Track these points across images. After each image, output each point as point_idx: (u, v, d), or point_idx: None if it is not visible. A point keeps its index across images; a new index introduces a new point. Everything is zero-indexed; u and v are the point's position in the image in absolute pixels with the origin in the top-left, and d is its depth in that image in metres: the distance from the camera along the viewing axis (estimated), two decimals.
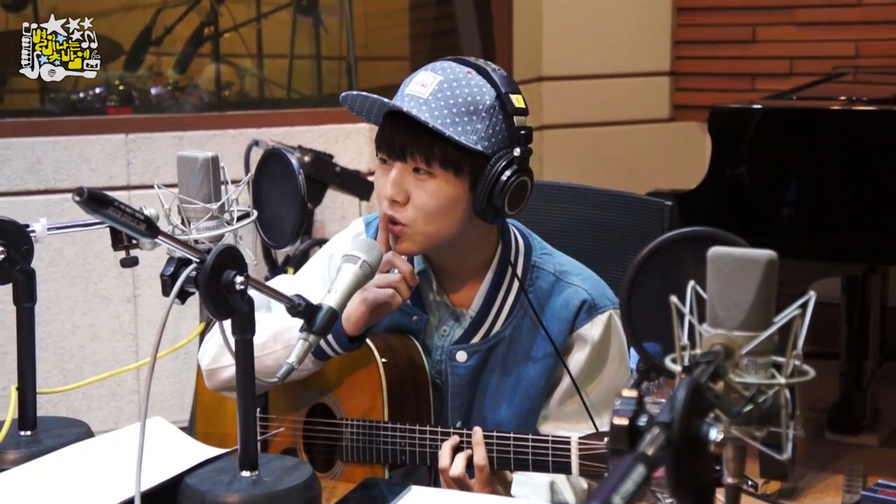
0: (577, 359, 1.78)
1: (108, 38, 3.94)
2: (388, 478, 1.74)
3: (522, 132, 1.71)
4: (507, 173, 1.69)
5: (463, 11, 4.64)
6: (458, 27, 4.67)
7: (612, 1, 4.78)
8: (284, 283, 1.97)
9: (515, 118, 1.70)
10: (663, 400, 1.17)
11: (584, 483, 1.76)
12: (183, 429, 1.71)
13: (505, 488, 1.67)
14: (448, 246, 1.77)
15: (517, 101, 1.71)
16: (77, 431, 1.66)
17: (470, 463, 1.64)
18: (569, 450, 1.59)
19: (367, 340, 1.76)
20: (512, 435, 1.63)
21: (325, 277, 1.89)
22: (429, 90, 1.69)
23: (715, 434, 0.86)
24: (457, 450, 1.65)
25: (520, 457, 1.62)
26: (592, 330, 1.77)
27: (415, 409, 1.78)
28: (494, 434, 1.64)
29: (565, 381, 1.78)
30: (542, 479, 1.73)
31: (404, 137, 1.70)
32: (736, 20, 4.76)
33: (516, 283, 1.80)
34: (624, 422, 0.88)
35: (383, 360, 1.75)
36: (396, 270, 1.72)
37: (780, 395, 0.92)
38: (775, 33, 4.69)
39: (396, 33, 4.76)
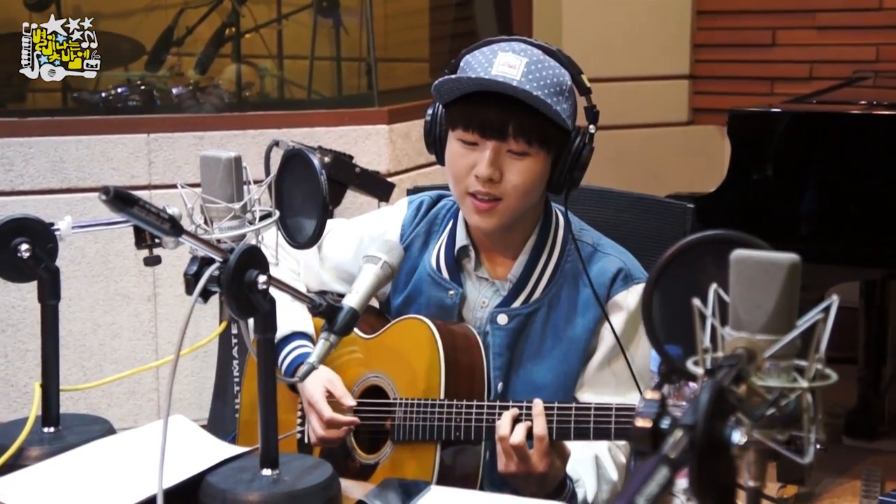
0: (613, 325, 1.80)
1: (129, 38, 3.96)
2: (440, 457, 1.75)
3: (595, 110, 1.80)
4: (586, 150, 1.77)
5: (483, 14, 4.65)
6: (478, 29, 4.67)
7: (631, 4, 4.77)
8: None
9: (589, 98, 1.79)
10: (684, 403, 1.17)
11: (622, 457, 1.80)
12: (203, 426, 1.72)
13: (562, 461, 1.68)
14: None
15: (585, 80, 1.79)
16: (99, 428, 1.67)
17: (529, 434, 1.65)
18: (632, 419, 1.60)
19: (427, 321, 1.80)
20: (574, 405, 1.65)
21: (358, 244, 1.95)
22: (519, 71, 1.73)
23: (738, 437, 0.86)
24: (516, 421, 1.67)
25: (581, 426, 1.64)
26: (628, 298, 1.81)
27: (470, 389, 1.79)
28: (555, 404, 1.66)
29: (601, 350, 1.82)
30: (588, 452, 1.75)
31: (504, 117, 1.74)
32: (756, 24, 4.74)
33: (556, 253, 1.85)
34: (647, 424, 0.88)
35: (442, 340, 1.78)
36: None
37: (803, 398, 0.92)
38: (795, 37, 4.68)
39: (416, 35, 4.77)
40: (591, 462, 1.76)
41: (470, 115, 1.76)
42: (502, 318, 1.83)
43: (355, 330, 1.88)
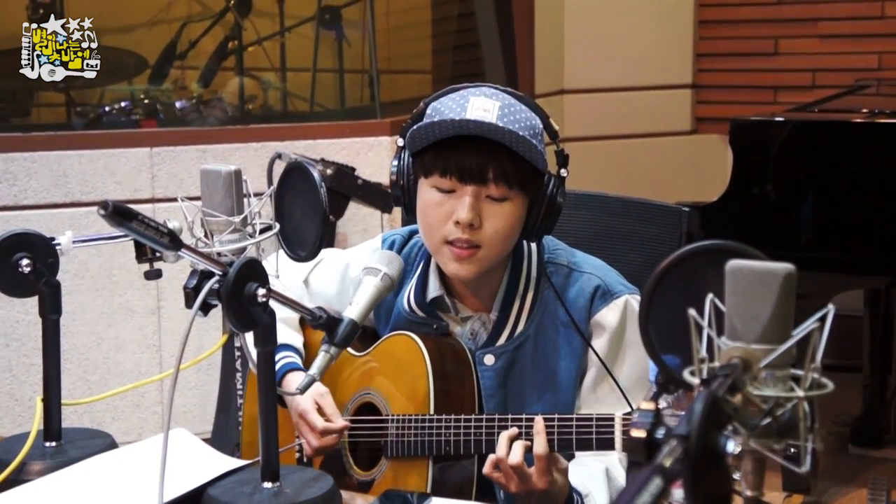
0: (597, 346, 1.79)
1: (133, 52, 3.98)
2: (433, 472, 1.75)
3: (566, 154, 1.78)
4: (559, 194, 1.75)
5: (485, 25, 4.65)
6: (481, 41, 4.68)
7: (633, 14, 4.78)
8: (305, 272, 1.98)
9: (558, 142, 1.77)
10: (681, 413, 1.17)
11: None
12: (205, 440, 1.72)
13: (562, 475, 1.67)
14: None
15: (554, 124, 1.77)
16: (101, 442, 1.67)
17: (527, 451, 1.64)
18: (612, 427, 1.61)
19: (415, 337, 1.80)
20: (556, 416, 1.65)
21: (340, 282, 1.94)
22: (494, 115, 1.70)
23: (733, 447, 0.86)
24: (513, 440, 1.66)
25: (583, 437, 1.63)
26: (609, 315, 1.79)
27: (460, 401, 1.79)
28: (556, 416, 1.65)
29: (592, 369, 1.80)
30: (598, 466, 1.74)
31: (483, 161, 1.71)
32: (758, 33, 4.75)
33: (532, 282, 1.82)
34: (642, 434, 0.89)
35: (429, 353, 1.77)
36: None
37: (799, 408, 0.92)
38: (797, 46, 4.68)
39: (419, 47, 4.77)
40: (601, 476, 1.73)
41: (447, 160, 1.73)
42: (489, 359, 1.81)
43: (348, 348, 1.88)
